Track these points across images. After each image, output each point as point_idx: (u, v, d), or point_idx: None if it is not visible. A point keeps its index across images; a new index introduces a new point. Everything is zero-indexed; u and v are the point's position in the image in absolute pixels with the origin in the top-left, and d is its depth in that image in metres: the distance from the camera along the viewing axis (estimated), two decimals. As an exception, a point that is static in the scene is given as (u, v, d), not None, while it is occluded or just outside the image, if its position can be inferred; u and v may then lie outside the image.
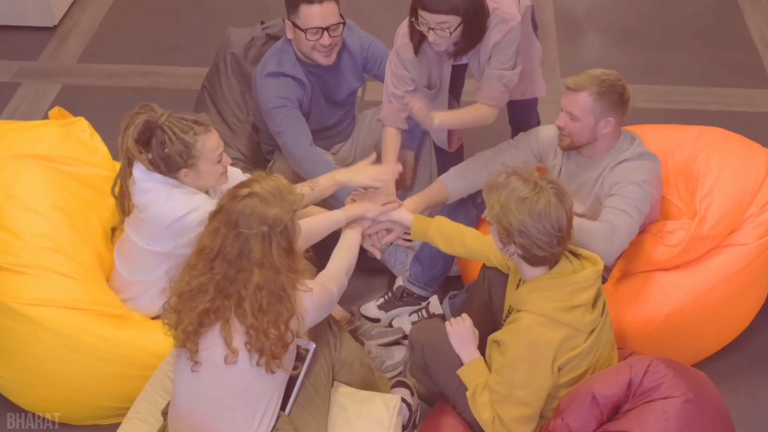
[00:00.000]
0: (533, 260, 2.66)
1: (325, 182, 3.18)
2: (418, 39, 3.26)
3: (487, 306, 3.13)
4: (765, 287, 3.47)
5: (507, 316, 2.84)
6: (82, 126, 3.56)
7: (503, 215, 2.63)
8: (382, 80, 3.51)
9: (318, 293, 2.67)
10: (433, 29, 3.13)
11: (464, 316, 2.92)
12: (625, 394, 2.60)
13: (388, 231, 3.23)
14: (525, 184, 2.63)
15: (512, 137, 3.62)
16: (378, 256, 3.30)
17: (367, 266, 3.78)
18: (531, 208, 2.59)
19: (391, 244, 3.40)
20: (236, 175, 3.19)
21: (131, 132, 2.93)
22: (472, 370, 2.84)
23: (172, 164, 2.93)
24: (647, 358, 2.63)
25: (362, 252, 3.65)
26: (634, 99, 4.72)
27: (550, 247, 2.62)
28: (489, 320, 3.09)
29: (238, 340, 2.54)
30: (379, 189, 3.21)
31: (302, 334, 2.66)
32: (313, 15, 3.34)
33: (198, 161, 2.93)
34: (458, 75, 3.53)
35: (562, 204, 2.63)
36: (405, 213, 3.20)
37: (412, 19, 3.18)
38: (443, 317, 3.49)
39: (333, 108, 3.70)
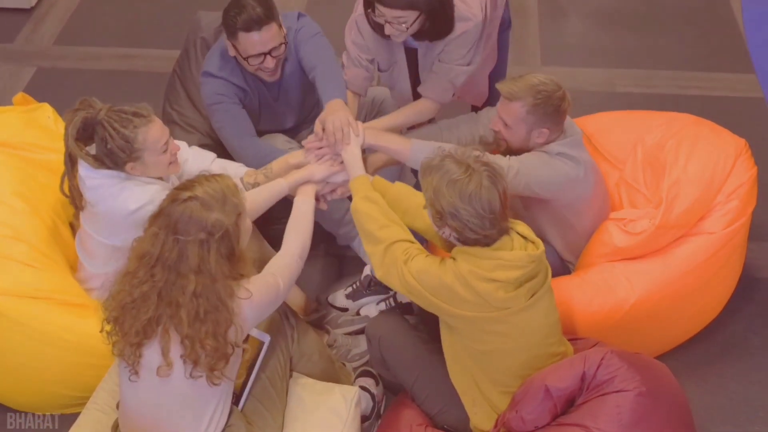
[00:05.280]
0: (467, 242, 2.66)
1: (278, 167, 3.14)
2: (375, 27, 3.23)
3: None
4: (734, 276, 3.45)
5: None
6: (46, 112, 3.52)
7: (435, 198, 2.63)
8: (304, 62, 3.40)
9: (258, 297, 2.58)
10: (389, 23, 3.10)
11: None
12: (578, 386, 2.59)
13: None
14: (458, 167, 2.62)
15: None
16: (325, 208, 3.17)
17: (336, 254, 3.77)
18: (461, 190, 2.58)
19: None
20: (186, 154, 3.16)
21: (70, 131, 2.89)
22: (355, 186, 2.94)
23: (116, 159, 2.89)
24: (601, 351, 2.61)
25: (332, 239, 3.66)
26: (613, 83, 4.75)
27: (482, 230, 2.61)
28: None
29: (175, 351, 2.49)
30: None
31: (241, 341, 2.58)
32: (253, 43, 3.21)
33: (142, 154, 2.88)
34: (414, 61, 3.47)
35: (494, 186, 2.60)
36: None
37: (368, 11, 3.15)
38: (410, 306, 3.46)
39: (289, 113, 3.61)
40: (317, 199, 3.06)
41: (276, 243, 3.31)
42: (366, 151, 3.22)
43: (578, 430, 2.53)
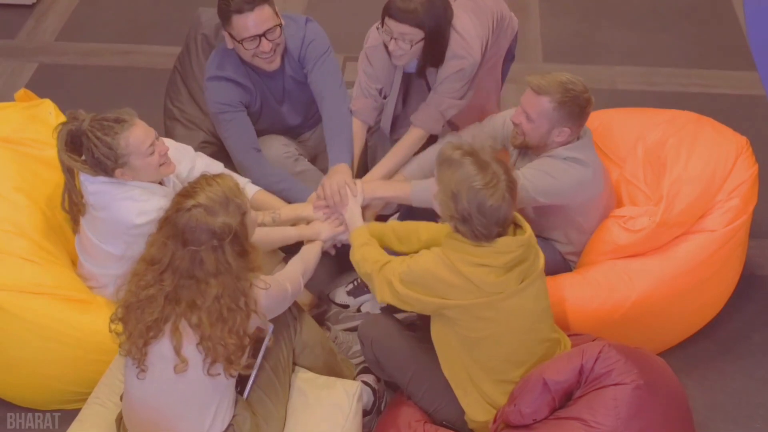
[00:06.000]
0: (462, 234, 2.68)
1: (286, 215, 3.26)
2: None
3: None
4: (735, 274, 3.45)
5: None
6: (47, 108, 3.52)
7: (452, 199, 2.62)
8: (313, 87, 3.47)
9: (274, 290, 2.66)
10: (395, 39, 3.16)
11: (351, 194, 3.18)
12: (576, 380, 2.59)
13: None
14: (481, 173, 2.59)
15: None
16: (332, 253, 3.37)
17: (339, 251, 3.76)
18: (482, 202, 2.57)
19: None
20: (192, 161, 3.22)
21: (59, 144, 2.91)
22: (354, 236, 3.07)
23: (105, 167, 2.89)
24: (599, 344, 2.62)
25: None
26: (614, 80, 4.75)
27: (486, 239, 2.62)
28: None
29: (188, 347, 2.51)
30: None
31: (251, 332, 2.63)
32: (246, 25, 3.22)
33: (128, 158, 2.87)
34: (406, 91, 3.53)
35: (511, 198, 2.61)
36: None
37: (377, 27, 3.22)
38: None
39: (292, 112, 3.60)
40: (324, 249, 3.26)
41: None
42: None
43: (576, 423, 2.54)
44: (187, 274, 2.50)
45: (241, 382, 2.75)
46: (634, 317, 3.16)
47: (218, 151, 3.77)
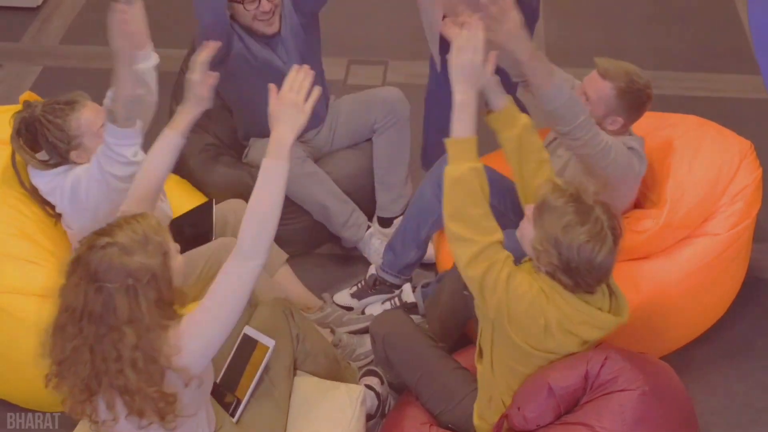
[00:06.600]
0: (555, 279, 2.51)
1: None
2: None
3: (460, 293, 3.10)
4: (738, 277, 3.46)
5: None
6: (51, 111, 3.52)
7: (554, 247, 2.43)
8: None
9: (189, 348, 2.30)
10: None
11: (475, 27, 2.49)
12: (582, 386, 2.58)
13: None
14: (586, 223, 2.40)
15: None
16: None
17: (342, 253, 3.77)
18: (590, 257, 2.41)
19: None
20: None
21: (13, 135, 2.92)
22: (461, 148, 2.48)
23: (60, 151, 2.91)
24: (604, 351, 2.61)
25: (338, 238, 3.68)
26: (618, 84, 4.74)
27: (587, 288, 2.49)
28: (461, 307, 3.07)
29: (120, 405, 2.30)
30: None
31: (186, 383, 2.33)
32: None
33: (82, 140, 2.89)
34: None
35: (616, 248, 2.46)
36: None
37: None
38: (415, 306, 3.47)
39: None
40: None
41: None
42: None
43: (582, 428, 2.54)
44: (104, 323, 2.23)
45: (238, 399, 2.73)
46: (638, 320, 3.13)
47: (222, 153, 3.78)
